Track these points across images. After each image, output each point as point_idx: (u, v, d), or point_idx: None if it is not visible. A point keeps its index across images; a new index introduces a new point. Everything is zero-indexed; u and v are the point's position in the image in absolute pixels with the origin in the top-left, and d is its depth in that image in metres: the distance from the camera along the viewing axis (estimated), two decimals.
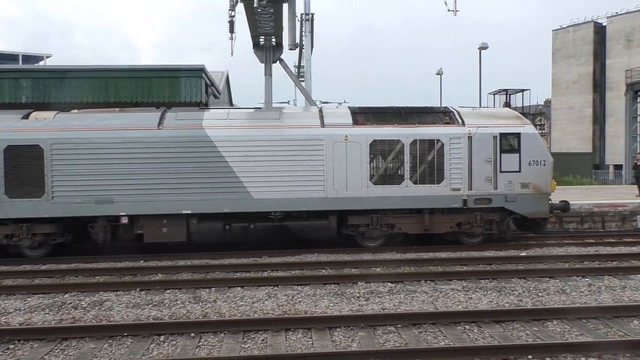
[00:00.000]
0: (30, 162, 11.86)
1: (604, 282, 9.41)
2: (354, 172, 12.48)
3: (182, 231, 12.35)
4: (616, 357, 5.76)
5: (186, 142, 12.14)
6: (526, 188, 12.98)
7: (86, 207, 11.95)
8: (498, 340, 6.40)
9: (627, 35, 57.12)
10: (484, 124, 13.06)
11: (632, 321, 7.15)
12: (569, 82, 61.56)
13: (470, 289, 8.95)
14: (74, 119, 12.48)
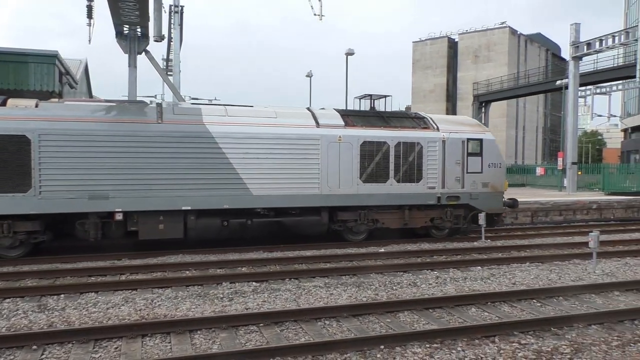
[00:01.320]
0: (15, 154, 10.77)
1: (449, 274, 10.36)
2: (346, 170, 13.30)
3: (179, 227, 12.19)
4: (455, 342, 6.35)
5: (187, 137, 11.94)
6: (486, 187, 14.76)
7: (79, 202, 11.21)
8: (355, 333, 6.71)
9: (475, 52, 63.61)
10: (455, 130, 14.62)
11: (471, 309, 7.96)
12: (426, 91, 66.92)
13: (332, 285, 9.28)
14: (64, 109, 11.46)
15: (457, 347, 6.17)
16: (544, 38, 75.31)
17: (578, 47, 28.31)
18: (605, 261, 11.68)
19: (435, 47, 67.36)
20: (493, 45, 62.80)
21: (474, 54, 63.73)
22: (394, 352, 6.00)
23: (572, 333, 6.77)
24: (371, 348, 6.09)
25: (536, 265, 11.24)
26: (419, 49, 68.87)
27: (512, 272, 10.49)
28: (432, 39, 68.20)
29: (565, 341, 6.42)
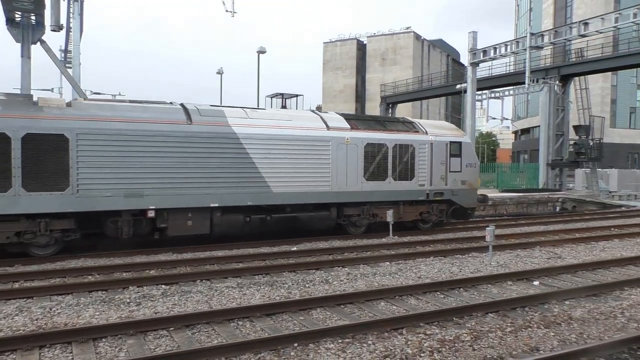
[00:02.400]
0: (53, 153, 10.85)
1: (360, 270, 10.66)
2: (352, 169, 14.52)
3: (206, 224, 12.71)
4: (366, 336, 6.56)
5: (215, 138, 12.54)
6: (464, 184, 16.67)
7: (115, 200, 11.46)
8: (268, 332, 6.72)
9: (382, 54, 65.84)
10: (440, 134, 16.38)
11: (380, 303, 8.25)
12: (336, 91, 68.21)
13: (245, 285, 9.20)
14: (98, 109, 11.66)
15: (368, 341, 6.37)
16: (445, 44, 79.67)
17: (475, 54, 30.28)
18: (500, 253, 12.60)
19: (345, 48, 68.91)
20: (399, 49, 65.40)
21: (381, 57, 65.97)
22: (307, 349, 6.08)
23: (472, 322, 7.25)
24: (285, 346, 6.12)
25: (439, 259, 11.89)
26: (329, 50, 70.08)
27: (417, 267, 11.01)
28: (341, 40, 69.67)
29: (466, 329, 6.85)
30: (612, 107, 53.67)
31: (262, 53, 34.13)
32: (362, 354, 5.94)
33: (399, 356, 5.88)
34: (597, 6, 50.68)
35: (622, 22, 23.25)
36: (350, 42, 68.97)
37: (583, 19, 25.69)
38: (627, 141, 53.35)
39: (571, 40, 26.84)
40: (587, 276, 10.40)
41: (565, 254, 12.71)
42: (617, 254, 12.72)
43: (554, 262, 11.66)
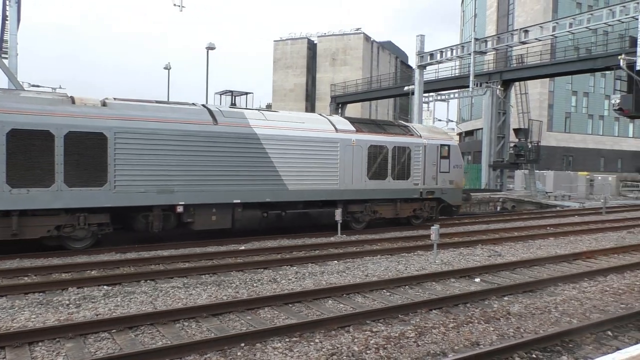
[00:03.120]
0: (93, 150, 11.40)
1: (308, 269, 10.70)
2: (357, 169, 15.61)
3: (229, 218, 13.55)
4: (313, 334, 6.60)
5: (238, 138, 13.35)
6: (452, 184, 18.15)
7: (148, 196, 12.10)
8: (215, 332, 6.63)
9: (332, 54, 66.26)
10: (431, 137, 17.77)
11: (328, 301, 8.32)
12: (287, 90, 68.08)
13: (191, 285, 9.05)
14: (131, 109, 12.23)
15: (315, 339, 6.41)
16: (394, 46, 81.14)
17: (422, 57, 31.00)
18: (444, 251, 12.98)
19: (296, 47, 68.89)
20: (349, 50, 66.04)
21: (331, 57, 66.41)
22: (254, 349, 6.05)
23: (417, 318, 7.43)
24: (232, 347, 6.06)
25: (386, 258, 12.11)
26: (279, 48, 69.86)
27: (365, 265, 11.17)
28: (292, 39, 69.60)
29: (411, 326, 7.02)
30: (549, 111, 56.36)
31: (211, 49, 33.60)
32: (309, 352, 5.97)
33: (345, 354, 5.95)
34: (536, 15, 53.07)
35: (559, 31, 24.43)
36: (300, 41, 69.01)
37: (523, 27, 26.80)
38: (562, 144, 56.16)
39: (512, 46, 27.94)
40: (525, 273, 10.88)
41: (504, 252, 13.24)
42: (552, 252, 13.37)
43: (495, 260, 12.12)
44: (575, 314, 7.81)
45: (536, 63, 34.40)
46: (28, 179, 10.83)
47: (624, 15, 21.33)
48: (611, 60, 23.48)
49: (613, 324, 7.15)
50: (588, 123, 60.01)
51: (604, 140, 60.54)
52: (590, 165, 55.59)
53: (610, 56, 25.56)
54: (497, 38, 28.28)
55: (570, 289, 9.36)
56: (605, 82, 57.40)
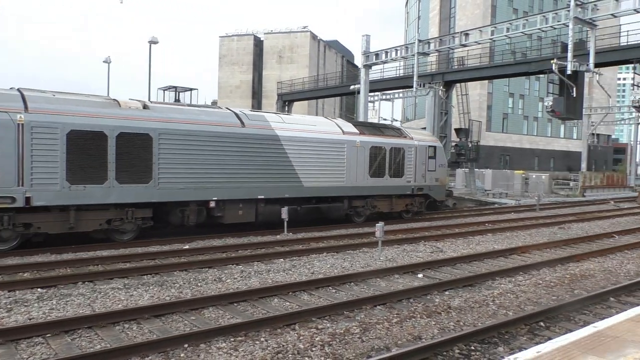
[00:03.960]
0: (140, 150, 12.32)
1: (254, 267, 10.63)
2: (360, 168, 17.27)
3: (253, 213, 14.76)
4: (259, 333, 6.55)
5: (262, 140, 14.64)
6: (437, 181, 20.23)
7: (186, 192, 13.20)
8: (157, 334, 6.46)
9: (279, 52, 66.00)
10: (421, 139, 19.86)
11: (274, 299, 8.30)
12: (233, 87, 67.21)
13: (132, 286, 8.78)
14: (171, 111, 13.38)
15: (261, 338, 6.38)
16: (341, 45, 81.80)
17: (368, 56, 31.38)
18: (389, 248, 13.23)
19: (242, 43, 68.09)
20: (296, 48, 65.99)
21: (278, 54, 66.14)
22: (198, 350, 5.94)
23: (361, 314, 7.54)
24: (174, 348, 5.93)
25: (332, 255, 12.21)
26: (225, 44, 68.82)
27: (311, 263, 11.21)
28: (238, 35, 68.74)
29: (356, 322, 7.11)
30: (488, 112, 58.57)
31: (154, 43, 32.66)
32: (255, 351, 5.93)
33: (291, 351, 5.94)
34: (476, 19, 54.98)
35: (497, 35, 25.38)
36: (247, 37, 68.29)
37: (464, 30, 27.67)
38: (500, 144, 58.49)
39: (454, 49, 28.79)
40: (465, 268, 11.27)
41: (446, 248, 13.65)
42: (490, 247, 13.91)
43: (436, 256, 12.47)
44: (511, 306, 8.16)
45: (476, 65, 35.62)
46: (84, 177, 11.78)
47: (556, 22, 22.43)
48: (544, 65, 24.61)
49: (545, 315, 7.53)
50: (524, 124, 62.84)
51: (537, 141, 63.56)
52: (526, 164, 58.23)
53: (544, 60, 26.84)
54: (439, 40, 29.03)
55: (507, 283, 9.77)
56: (540, 85, 60.30)
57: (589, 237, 16.12)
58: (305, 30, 66.52)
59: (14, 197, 10.92)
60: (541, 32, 24.73)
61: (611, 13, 20.95)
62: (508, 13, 56.79)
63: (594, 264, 11.84)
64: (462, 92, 44.51)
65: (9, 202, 10.88)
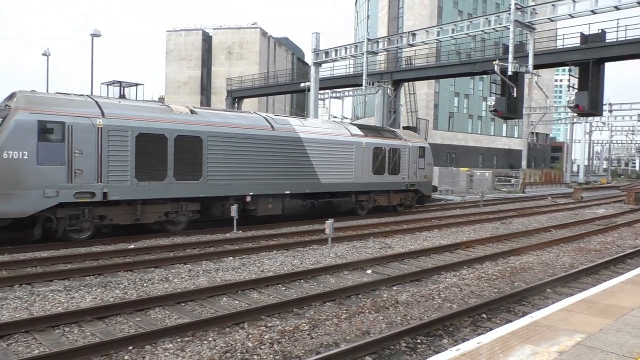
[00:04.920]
0: (193, 150, 14.09)
1: (202, 266, 10.47)
2: (365, 166, 19.55)
3: (280, 206, 16.62)
4: (207, 332, 6.46)
5: (288, 141, 16.60)
6: (426, 178, 22.79)
7: (228, 188, 14.93)
8: (99, 337, 6.26)
9: (228, 48, 65.13)
10: (413, 140, 22.49)
11: (222, 298, 8.20)
12: (180, 83, 65.79)
13: (74, 288, 8.46)
14: (214, 116, 15.14)
15: (209, 338, 6.29)
16: (291, 43, 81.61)
17: (318, 54, 31.49)
18: (339, 245, 13.36)
19: (190, 38, 66.71)
20: (246, 44, 65.30)
21: (227, 50, 65.23)
22: (143, 352, 5.80)
23: (311, 311, 7.57)
24: (118, 350, 5.76)
25: (282, 253, 12.19)
26: (172, 39, 67.22)
27: (261, 261, 11.16)
28: (186, 30, 67.29)
29: (305, 319, 7.14)
30: (435, 111, 60.01)
31: (96, 36, 31.48)
32: (202, 351, 5.85)
33: (239, 350, 5.90)
34: (423, 19, 56.19)
35: (443, 36, 26.05)
36: (195, 32, 66.95)
37: (412, 30, 28.24)
38: (446, 142, 60.07)
39: (402, 48, 29.33)
40: (412, 263, 11.53)
41: (394, 244, 13.92)
42: (436, 243, 14.29)
43: (385, 252, 12.69)
44: (455, 299, 8.42)
45: (423, 65, 36.43)
46: (149, 174, 13.39)
47: (498, 25, 23.27)
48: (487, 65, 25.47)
49: (487, 307, 7.82)
50: (468, 122, 64.82)
51: (481, 139, 65.72)
52: (471, 161, 60.10)
53: (487, 61, 27.76)
54: (388, 39, 29.50)
55: (452, 277, 10.08)
56: (484, 85, 62.33)
57: (529, 231, 16.85)
58: (255, 26, 65.95)
59: (94, 192, 12.50)
60: (484, 33, 25.59)
61: (548, 17, 21.97)
62: (453, 15, 58.36)
63: (533, 257, 12.39)
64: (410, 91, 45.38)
65: (90, 196, 12.44)
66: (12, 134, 11.35)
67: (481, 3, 63.36)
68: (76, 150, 12.17)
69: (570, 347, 4.57)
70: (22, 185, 11.44)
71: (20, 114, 11.55)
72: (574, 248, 13.95)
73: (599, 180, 64.51)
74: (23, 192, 11.45)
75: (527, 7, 22.78)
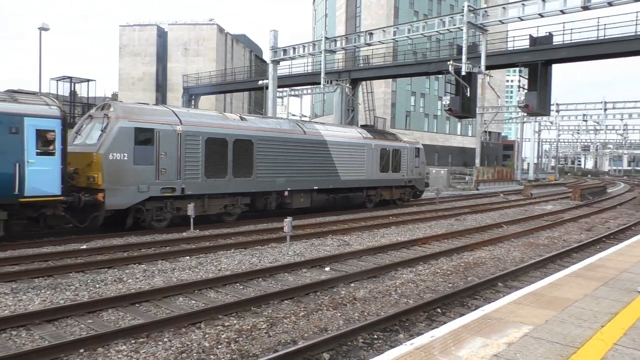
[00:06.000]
0: (246, 152, 16.71)
1: (158, 266, 10.27)
2: (374, 165, 22.35)
3: (309, 200, 19.38)
4: (162, 333, 6.35)
5: (316, 143, 19.41)
6: (420, 175, 25.87)
7: (272, 184, 17.71)
8: (49, 340, 6.05)
9: (184, 44, 63.95)
10: (410, 142, 25.66)
11: (179, 298, 8.08)
12: (135, 79, 64.12)
13: (21, 290, 8.15)
14: (259, 122, 18.10)
15: (164, 338, 6.19)
16: (249, 40, 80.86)
17: (276, 52, 31.40)
18: (297, 243, 13.37)
19: (144, 34, 65.07)
20: (202, 40, 64.25)
21: (183, 47, 64.02)
22: (95, 354, 5.65)
23: (269, 309, 7.56)
24: (69, 354, 5.59)
25: (240, 251, 12.11)
26: (126, 34, 65.39)
27: (218, 260, 11.04)
28: (140, 25, 65.59)
29: (263, 317, 7.12)
30: (392, 109, 60.88)
31: (44, 30, 30.30)
32: (157, 352, 5.75)
33: (195, 350, 5.83)
34: (380, 19, 56.86)
35: (399, 36, 26.47)
36: (149, 28, 65.35)
37: (369, 30, 28.55)
38: None
39: (359, 47, 29.60)
40: (370, 260, 11.67)
41: (352, 241, 14.05)
42: (393, 239, 14.52)
43: (343, 249, 12.80)
44: (411, 295, 8.60)
45: (380, 64, 36.88)
46: (214, 172, 15.80)
47: (452, 26, 23.84)
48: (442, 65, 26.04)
49: (442, 302, 8.02)
50: (425, 121, 66.07)
51: (437, 137, 67.12)
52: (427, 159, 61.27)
53: (442, 61, 28.36)
54: (345, 38, 29.70)
55: (408, 273, 10.27)
56: (439, 85, 63.66)
57: (482, 227, 17.36)
58: (212, 23, 65.01)
59: (175, 188, 14.79)
60: (439, 34, 26.16)
61: (499, 19, 22.67)
62: (409, 15, 59.31)
63: (485, 252, 12.78)
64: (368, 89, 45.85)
65: (171, 191, 14.73)
66: (116, 139, 13.43)
67: (436, 4, 64.65)
68: (162, 152, 14.43)
69: (518, 338, 4.75)
70: (123, 181, 13.54)
71: (121, 122, 13.68)
72: (524, 243, 14.47)
73: (547, 177, 67.03)
74: (124, 187, 13.57)
75: (480, 9, 23.44)
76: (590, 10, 20.78)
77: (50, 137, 12.15)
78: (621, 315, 5.59)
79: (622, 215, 23.40)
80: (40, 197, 11.94)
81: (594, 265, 8.37)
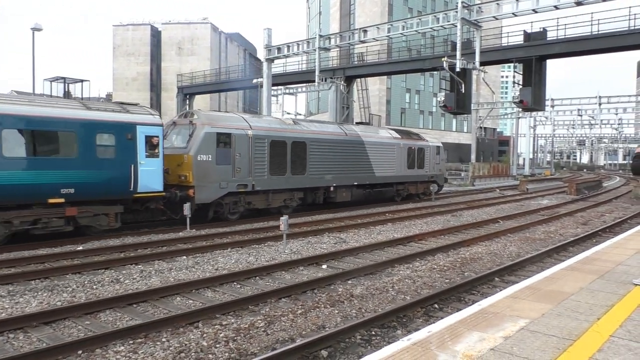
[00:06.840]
0: (300, 152, 18.84)
1: (155, 266, 10.26)
2: (402, 163, 24.52)
3: (349, 194, 21.48)
4: (160, 333, 6.35)
5: (355, 144, 21.56)
6: (440, 172, 27.97)
7: (321, 180, 19.92)
8: (47, 342, 6.04)
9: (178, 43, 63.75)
10: (432, 141, 27.68)
11: (176, 298, 8.08)
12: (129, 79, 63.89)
13: (18, 293, 8.13)
14: (310, 125, 20.48)
15: (162, 338, 6.19)
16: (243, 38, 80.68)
17: (270, 50, 31.34)
18: (294, 241, 13.38)
19: (138, 33, 64.84)
20: (196, 40, 64.06)
21: (177, 46, 63.83)
22: (93, 355, 5.65)
23: (266, 308, 7.57)
24: (67, 355, 5.59)
25: (237, 250, 12.11)
26: (120, 34, 65.14)
27: (215, 259, 11.04)
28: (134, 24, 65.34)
29: (260, 316, 7.13)
30: (387, 107, 60.94)
31: (37, 30, 30.16)
32: (156, 352, 5.75)
33: (194, 350, 5.84)
34: (374, 16, 56.84)
35: (393, 33, 26.48)
36: (143, 27, 65.12)
37: (363, 27, 28.53)
38: None
39: (354, 44, 29.58)
40: (367, 257, 11.69)
41: (349, 239, 14.07)
42: (390, 236, 14.54)
43: (340, 247, 12.81)
44: (409, 291, 8.62)
45: (375, 61, 36.88)
46: (277, 170, 17.82)
47: (446, 22, 23.86)
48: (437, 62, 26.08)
49: (439, 298, 8.05)
50: (420, 118, 66.17)
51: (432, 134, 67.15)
52: None
53: (436, 58, 28.42)
54: (339, 36, 29.67)
55: (405, 269, 10.30)
56: (434, 82, 63.73)
57: (478, 223, 17.41)
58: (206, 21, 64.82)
59: (247, 184, 16.87)
60: (433, 31, 26.15)
61: (493, 15, 22.69)
62: (404, 12, 59.32)
63: (482, 248, 12.82)
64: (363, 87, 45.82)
65: (244, 187, 16.79)
66: (203, 143, 15.57)
67: (430, 1, 64.68)
68: (237, 154, 16.47)
69: (514, 332, 4.78)
70: (208, 179, 15.66)
71: (206, 128, 15.83)
72: (520, 238, 14.52)
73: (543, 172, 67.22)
74: (209, 184, 15.66)
75: (474, 6, 23.46)
76: (583, 6, 20.85)
77: (155, 141, 14.13)
78: (617, 307, 5.63)
79: (617, 208, 23.52)
80: (148, 193, 14.11)
81: (590, 259, 8.41)
